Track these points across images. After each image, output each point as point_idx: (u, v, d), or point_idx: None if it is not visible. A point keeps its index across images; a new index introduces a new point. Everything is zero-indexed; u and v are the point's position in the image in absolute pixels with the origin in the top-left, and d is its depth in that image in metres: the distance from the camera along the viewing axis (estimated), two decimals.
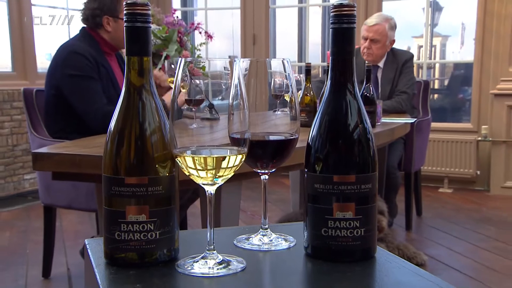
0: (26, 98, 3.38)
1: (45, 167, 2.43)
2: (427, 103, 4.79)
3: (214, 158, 0.95)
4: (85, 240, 1.13)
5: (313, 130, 1.02)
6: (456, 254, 3.94)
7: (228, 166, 0.95)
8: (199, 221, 2.32)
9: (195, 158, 0.94)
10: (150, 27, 0.98)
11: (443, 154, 5.89)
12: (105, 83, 3.20)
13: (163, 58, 4.34)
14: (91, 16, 3.26)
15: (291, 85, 1.05)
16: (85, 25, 3.34)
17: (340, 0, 3.73)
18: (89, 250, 1.07)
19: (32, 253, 3.91)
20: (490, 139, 5.73)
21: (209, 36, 5.44)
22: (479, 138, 5.82)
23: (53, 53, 3.28)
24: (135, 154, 0.97)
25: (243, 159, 0.98)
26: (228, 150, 0.97)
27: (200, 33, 5.43)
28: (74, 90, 3.12)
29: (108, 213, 0.98)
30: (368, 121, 1.01)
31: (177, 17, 5.49)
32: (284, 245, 1.10)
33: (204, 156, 0.95)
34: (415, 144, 4.36)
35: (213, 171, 0.95)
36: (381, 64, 4.51)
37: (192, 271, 0.96)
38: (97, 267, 0.98)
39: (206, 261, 0.98)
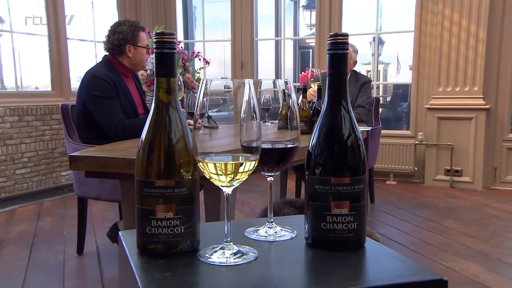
0: (63, 112, 3.33)
1: (79, 167, 2.36)
2: (378, 115, 4.75)
3: (233, 164, 0.87)
4: (119, 232, 1.02)
5: (313, 139, 0.94)
6: (401, 232, 3.89)
7: (244, 171, 0.87)
8: (201, 208, 2.23)
9: (216, 164, 0.86)
10: (176, 52, 0.89)
11: (389, 154, 5.85)
12: (122, 100, 3.14)
13: None
14: (117, 46, 3.22)
15: (292, 101, 0.96)
16: (107, 54, 3.29)
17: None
18: (123, 242, 0.97)
19: (68, 235, 3.80)
20: (425, 142, 5.71)
21: (207, 62, 5.38)
22: (416, 142, 5.79)
23: (82, 76, 3.25)
24: (163, 161, 0.88)
25: (256, 165, 0.89)
26: (244, 157, 0.88)
27: (200, 60, 5.37)
28: (97, 107, 3.08)
29: (140, 211, 0.89)
30: (359, 131, 0.93)
31: (181, 47, 5.41)
32: (287, 236, 1.01)
33: (224, 162, 0.87)
34: (370, 147, 4.32)
35: (232, 175, 0.87)
36: None
37: (212, 260, 0.87)
38: (131, 257, 0.89)
39: (224, 252, 0.89)
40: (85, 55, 6.10)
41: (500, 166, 5.53)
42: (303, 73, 4.85)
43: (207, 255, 0.89)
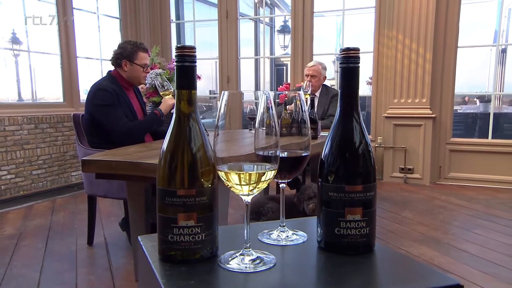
0: (75, 120, 3.18)
1: (90, 170, 2.26)
2: None
3: (257, 174, 0.74)
4: (138, 236, 0.89)
5: (326, 149, 0.82)
6: None
7: (266, 180, 0.74)
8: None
9: (241, 175, 0.73)
10: (196, 66, 0.77)
11: None
12: (125, 109, 3.03)
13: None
14: (115, 59, 3.12)
15: (304, 112, 0.85)
16: (111, 70, 3.17)
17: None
18: (143, 247, 0.84)
19: (79, 228, 3.62)
20: (383, 145, 5.65)
21: (198, 77, 5.21)
22: (376, 145, 5.72)
23: (88, 89, 3.14)
24: (185, 171, 0.75)
25: (275, 173, 0.77)
26: (266, 167, 0.75)
27: None
28: (102, 115, 2.95)
29: (162, 219, 0.76)
30: (369, 140, 0.82)
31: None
32: (299, 240, 0.88)
33: (249, 173, 0.74)
34: None
35: (254, 185, 0.74)
36: (317, 94, 4.37)
37: (233, 267, 0.74)
38: (153, 263, 0.76)
39: (243, 258, 0.76)
40: (92, 71, 5.91)
41: (444, 165, 5.52)
42: (280, 86, 4.76)
43: (228, 261, 0.76)
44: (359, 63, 0.80)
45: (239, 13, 6.28)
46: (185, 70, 0.76)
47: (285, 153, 0.83)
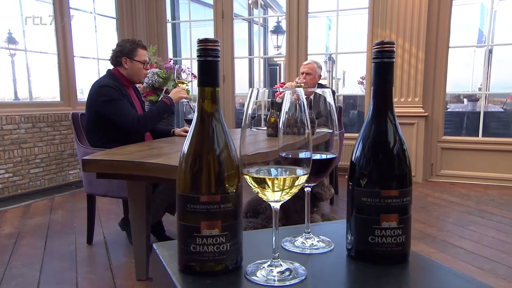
0: (74, 120, 3.07)
1: (91, 170, 2.17)
2: (341, 121, 4.60)
3: (291, 179, 0.65)
4: (153, 244, 0.80)
5: (357, 150, 0.74)
6: None
7: (298, 185, 0.66)
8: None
9: (274, 180, 0.64)
10: (219, 61, 0.68)
11: (348, 152, 5.72)
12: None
13: (163, 91, 4.03)
14: (115, 57, 3.04)
15: (331, 112, 0.77)
16: (110, 68, 3.08)
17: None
18: (160, 257, 0.75)
19: (78, 226, 3.51)
20: None
21: (194, 76, 5.12)
22: None
23: (85, 88, 3.06)
24: (211, 176, 0.66)
25: (307, 177, 0.68)
26: (298, 171, 0.66)
27: (188, 74, 5.12)
28: (111, 110, 2.85)
29: (184, 227, 0.67)
30: (405, 142, 0.74)
31: (172, 63, 5.14)
32: (326, 248, 0.79)
33: (282, 177, 0.65)
34: None
35: (287, 190, 0.65)
36: None
37: (260, 280, 0.66)
38: (173, 276, 0.67)
39: (272, 269, 0.68)
40: (89, 70, 5.78)
41: (436, 162, 5.49)
42: (276, 86, 4.68)
43: (255, 273, 0.67)
44: (394, 57, 0.72)
45: (234, 13, 6.19)
46: (209, 65, 0.67)
47: (315, 155, 0.75)
